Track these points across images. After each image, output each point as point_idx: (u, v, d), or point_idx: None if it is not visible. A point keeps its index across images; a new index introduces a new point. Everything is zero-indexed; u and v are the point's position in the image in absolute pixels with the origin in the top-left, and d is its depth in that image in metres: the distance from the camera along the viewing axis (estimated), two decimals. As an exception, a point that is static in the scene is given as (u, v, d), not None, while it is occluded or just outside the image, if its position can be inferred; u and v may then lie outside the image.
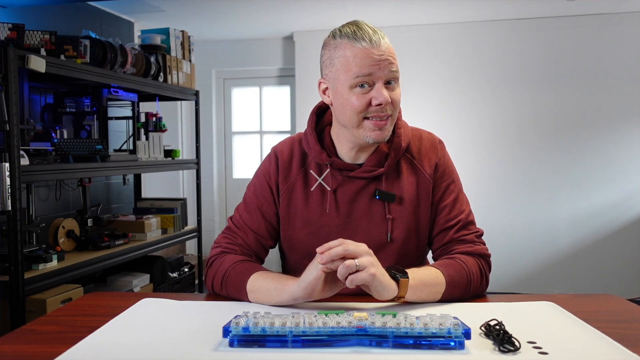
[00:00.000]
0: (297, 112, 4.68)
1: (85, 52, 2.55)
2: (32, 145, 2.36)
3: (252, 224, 1.28)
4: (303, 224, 1.26)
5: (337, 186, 1.25)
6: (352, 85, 1.15)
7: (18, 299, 2.10)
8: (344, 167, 1.25)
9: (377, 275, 0.99)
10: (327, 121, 1.31)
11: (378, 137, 1.18)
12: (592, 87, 4.21)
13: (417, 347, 0.85)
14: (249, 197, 1.32)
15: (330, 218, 1.24)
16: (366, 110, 1.15)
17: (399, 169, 1.26)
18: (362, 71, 1.13)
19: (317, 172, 1.27)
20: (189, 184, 4.93)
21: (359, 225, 1.24)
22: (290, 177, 1.28)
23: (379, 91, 1.13)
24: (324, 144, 1.28)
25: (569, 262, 4.28)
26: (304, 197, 1.26)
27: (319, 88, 1.24)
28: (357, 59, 1.13)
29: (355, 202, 1.24)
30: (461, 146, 4.32)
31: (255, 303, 1.12)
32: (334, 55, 1.17)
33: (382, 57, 1.13)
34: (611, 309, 1.11)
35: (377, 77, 1.14)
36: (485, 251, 1.23)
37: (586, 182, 4.24)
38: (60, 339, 0.92)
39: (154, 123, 3.29)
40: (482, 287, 1.21)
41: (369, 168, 1.24)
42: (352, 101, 1.15)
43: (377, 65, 1.13)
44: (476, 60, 4.36)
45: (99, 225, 2.97)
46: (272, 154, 1.34)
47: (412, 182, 1.25)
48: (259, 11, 3.98)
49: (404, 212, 1.23)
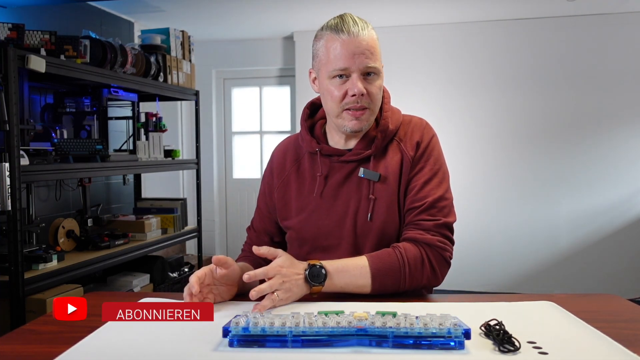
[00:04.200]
0: (297, 112, 4.68)
1: (85, 52, 2.55)
2: (32, 145, 2.36)
3: (259, 224, 1.39)
4: (297, 211, 1.30)
5: (328, 172, 1.29)
6: (330, 76, 1.20)
7: (18, 299, 2.10)
8: (333, 152, 1.29)
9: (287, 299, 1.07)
10: (320, 116, 1.37)
11: (355, 126, 1.22)
12: (591, 88, 4.21)
13: (417, 347, 0.84)
14: (258, 200, 1.42)
15: (320, 202, 1.28)
16: (344, 100, 1.20)
17: (386, 151, 1.28)
18: (338, 63, 1.17)
19: (310, 162, 1.32)
20: (189, 184, 4.93)
21: (348, 207, 1.26)
22: (285, 170, 1.35)
23: (354, 82, 1.17)
24: (313, 135, 1.34)
25: (569, 262, 4.27)
26: (297, 186, 1.32)
27: (310, 77, 1.30)
28: (336, 50, 1.18)
29: (344, 185, 1.28)
30: (460, 146, 4.32)
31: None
32: (318, 46, 1.23)
33: (358, 49, 1.16)
34: (611, 309, 1.11)
35: (353, 69, 1.17)
36: (435, 242, 1.17)
37: (586, 182, 4.24)
38: (60, 339, 0.92)
39: (154, 123, 3.29)
40: (427, 278, 1.17)
41: (358, 151, 1.27)
42: (331, 91, 1.21)
43: (352, 58, 1.16)
44: (476, 60, 4.36)
45: (99, 225, 2.96)
46: (270, 156, 1.43)
47: (395, 162, 1.26)
48: (259, 11, 3.98)
49: (387, 191, 1.24)
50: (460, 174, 4.01)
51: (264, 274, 1.06)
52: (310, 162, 1.32)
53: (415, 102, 4.24)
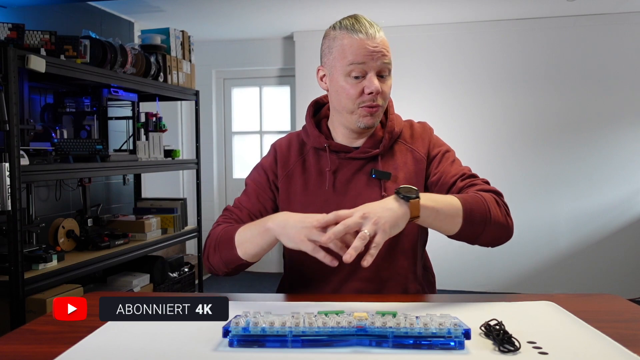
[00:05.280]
0: (297, 112, 4.68)
1: (85, 52, 2.55)
2: (32, 145, 2.36)
3: (247, 204, 1.33)
4: (302, 207, 1.28)
5: (336, 168, 1.30)
6: (346, 73, 1.22)
7: (18, 299, 2.10)
8: (340, 149, 1.31)
9: (386, 230, 1.01)
10: (323, 115, 1.38)
11: (369, 122, 1.26)
12: (591, 88, 4.21)
13: (417, 347, 0.85)
14: (247, 184, 1.38)
15: (328, 197, 1.28)
16: (359, 98, 1.23)
17: (394, 152, 1.32)
18: (356, 59, 1.20)
19: (316, 158, 1.33)
20: (189, 184, 4.93)
21: (357, 203, 1.24)
22: (289, 164, 1.34)
23: (371, 80, 1.21)
24: (321, 131, 1.34)
25: (569, 262, 4.27)
26: (302, 182, 1.31)
27: (317, 75, 1.32)
28: (353, 48, 1.20)
29: (352, 182, 1.29)
30: (460, 147, 4.26)
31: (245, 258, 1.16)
32: (333, 45, 1.25)
33: (376, 48, 1.20)
34: (611, 309, 1.11)
35: (369, 67, 1.21)
36: (498, 190, 1.24)
37: (586, 182, 4.24)
38: (60, 339, 0.92)
39: (154, 123, 3.29)
40: (505, 217, 1.19)
41: (366, 149, 1.30)
42: (346, 89, 1.23)
43: (370, 56, 1.20)
44: (476, 60, 4.36)
45: (99, 225, 2.96)
46: (271, 148, 1.40)
47: (406, 162, 1.31)
48: (259, 11, 3.98)
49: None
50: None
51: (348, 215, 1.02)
52: (315, 158, 1.33)
53: (413, 104, 4.24)
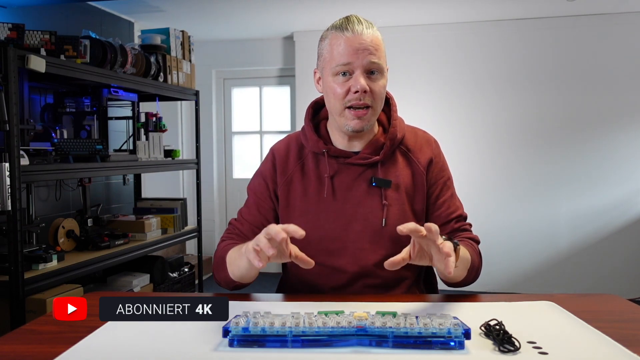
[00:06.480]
0: (297, 112, 4.68)
1: (85, 52, 2.55)
2: (32, 145, 2.36)
3: (248, 216, 1.32)
4: (301, 213, 1.27)
5: (334, 173, 1.28)
6: (334, 73, 1.20)
7: (18, 299, 2.10)
8: (340, 154, 1.28)
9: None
10: (322, 116, 1.36)
11: (357, 125, 1.21)
12: (592, 87, 4.21)
13: (416, 347, 0.84)
14: (248, 193, 1.37)
15: (327, 204, 1.26)
16: (346, 97, 1.20)
17: (395, 159, 1.30)
18: (342, 58, 1.18)
19: (315, 162, 1.30)
20: (189, 184, 4.93)
21: (356, 211, 1.26)
22: (288, 170, 1.32)
23: (357, 79, 1.18)
24: (319, 135, 1.32)
25: (569, 262, 4.27)
26: (302, 187, 1.29)
27: (314, 77, 1.31)
28: (340, 47, 1.19)
29: (352, 189, 1.27)
30: (461, 145, 4.32)
31: (235, 279, 1.17)
32: (323, 46, 1.25)
33: (361, 46, 1.17)
34: (611, 309, 1.11)
35: (356, 66, 1.18)
36: (478, 238, 1.34)
37: (586, 181, 4.24)
38: (60, 339, 0.92)
39: (154, 123, 3.29)
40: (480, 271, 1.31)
41: (365, 155, 1.27)
42: (334, 88, 1.21)
43: (356, 54, 1.17)
44: (476, 60, 4.36)
45: (99, 225, 2.96)
46: (270, 153, 1.38)
47: (407, 172, 1.29)
48: (259, 11, 3.98)
49: (399, 198, 1.26)
50: (460, 174, 3.98)
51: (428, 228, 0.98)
52: (314, 162, 1.30)
53: (413, 104, 4.24)
